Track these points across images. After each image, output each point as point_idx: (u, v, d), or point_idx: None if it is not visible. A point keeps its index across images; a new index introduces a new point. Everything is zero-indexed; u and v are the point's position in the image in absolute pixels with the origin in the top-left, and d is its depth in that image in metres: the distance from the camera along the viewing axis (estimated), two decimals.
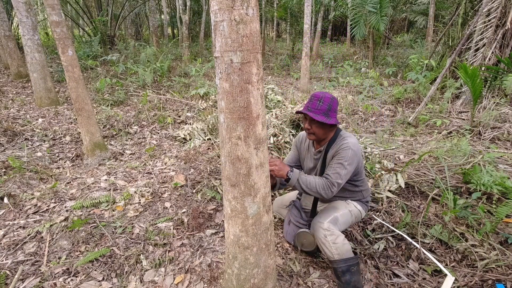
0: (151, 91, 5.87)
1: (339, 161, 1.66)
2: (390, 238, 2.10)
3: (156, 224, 2.29)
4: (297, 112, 1.73)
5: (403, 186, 2.54)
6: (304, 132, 1.95)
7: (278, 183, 1.93)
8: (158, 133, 4.19)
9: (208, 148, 3.47)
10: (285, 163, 1.99)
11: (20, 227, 2.24)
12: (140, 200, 2.57)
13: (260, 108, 1.22)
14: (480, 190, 2.34)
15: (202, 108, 4.99)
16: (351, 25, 10.15)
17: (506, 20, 4.53)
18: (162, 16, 15.33)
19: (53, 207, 2.48)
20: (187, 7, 10.03)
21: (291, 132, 3.39)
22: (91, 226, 2.24)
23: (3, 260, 1.93)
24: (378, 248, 2.03)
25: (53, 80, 6.03)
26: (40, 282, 1.77)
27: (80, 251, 2.02)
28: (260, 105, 1.22)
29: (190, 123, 4.48)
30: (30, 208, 2.46)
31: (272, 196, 2.08)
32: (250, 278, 1.49)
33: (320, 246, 1.70)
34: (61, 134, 4.03)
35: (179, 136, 3.91)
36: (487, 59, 4.67)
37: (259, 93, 1.20)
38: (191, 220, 2.31)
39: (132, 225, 2.28)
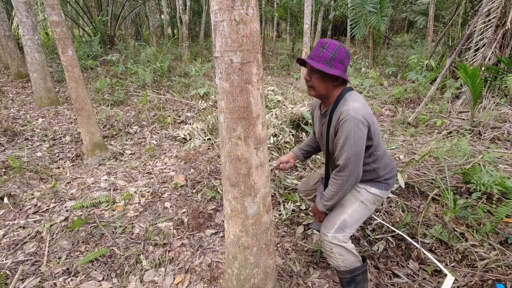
0: (151, 91, 5.86)
1: (343, 139, 1.36)
2: (390, 238, 2.10)
3: (156, 224, 2.29)
4: (297, 60, 1.47)
5: (403, 186, 2.54)
6: None
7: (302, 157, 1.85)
8: (158, 133, 4.19)
9: (208, 148, 3.47)
10: (310, 137, 1.85)
11: (20, 227, 2.24)
12: (140, 200, 2.57)
13: (260, 108, 1.22)
14: (480, 190, 2.34)
15: (202, 108, 4.98)
16: (351, 25, 10.16)
17: (506, 20, 4.53)
18: (162, 16, 15.33)
19: (53, 207, 2.48)
20: (187, 7, 10.02)
21: (291, 132, 3.39)
22: (91, 226, 2.24)
23: (3, 260, 1.93)
24: (378, 248, 2.03)
25: (53, 80, 6.03)
26: (40, 282, 1.77)
27: (80, 251, 2.02)
28: (260, 105, 1.22)
29: (190, 123, 4.48)
30: (30, 208, 2.46)
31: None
32: (250, 278, 1.49)
33: (326, 257, 1.60)
34: (61, 134, 4.03)
35: (179, 136, 3.91)
36: (487, 59, 4.66)
37: (259, 93, 1.20)
38: (191, 220, 2.31)
39: (132, 225, 2.28)
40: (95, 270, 1.87)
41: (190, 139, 3.81)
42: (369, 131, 1.40)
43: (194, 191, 2.69)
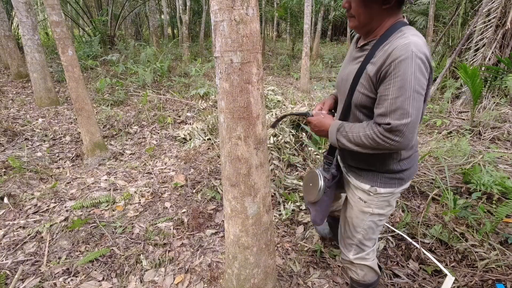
0: (151, 91, 5.86)
1: (397, 88, 0.92)
2: (390, 238, 2.10)
3: (156, 224, 2.29)
4: None
5: None
6: None
7: None
8: (158, 133, 4.19)
9: (208, 148, 3.47)
10: None
11: (20, 227, 2.24)
12: (140, 200, 2.57)
13: (260, 108, 1.22)
14: (480, 190, 2.34)
15: (202, 108, 4.98)
16: None
17: (506, 20, 4.52)
18: (162, 16, 15.32)
19: (53, 207, 2.48)
20: (187, 7, 10.02)
21: (291, 132, 3.39)
22: (91, 226, 2.24)
23: (3, 260, 1.93)
24: (378, 248, 2.03)
25: (53, 80, 6.03)
26: (40, 282, 1.77)
27: (80, 251, 2.02)
28: (260, 105, 1.22)
29: (190, 123, 4.48)
30: (30, 208, 2.46)
31: None
32: (250, 278, 1.49)
33: (345, 269, 1.50)
34: (61, 134, 4.03)
35: (179, 136, 3.91)
36: (487, 59, 4.66)
37: (259, 93, 1.20)
38: (191, 220, 2.31)
39: (132, 225, 2.28)
40: (95, 270, 1.87)
41: (190, 139, 3.81)
42: (429, 79, 0.98)
43: (194, 191, 2.69)
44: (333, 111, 1.41)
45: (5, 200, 2.49)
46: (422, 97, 0.95)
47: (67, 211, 2.42)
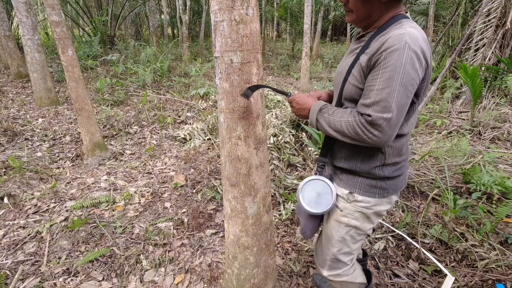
0: (151, 91, 5.86)
1: (385, 78, 0.87)
2: (390, 238, 2.10)
3: (156, 224, 2.29)
4: None
5: None
6: None
7: None
8: (158, 133, 4.19)
9: (208, 148, 3.47)
10: None
11: (20, 227, 2.24)
12: (140, 200, 2.57)
13: (260, 108, 1.22)
14: (480, 190, 2.34)
15: (202, 108, 4.99)
16: (351, 25, 10.15)
17: (506, 20, 4.52)
18: (162, 16, 15.33)
19: (53, 207, 2.48)
20: (187, 7, 10.02)
21: (291, 132, 3.38)
22: (91, 226, 2.24)
23: (3, 260, 1.93)
24: (378, 248, 2.03)
25: (53, 80, 6.03)
26: (40, 282, 1.77)
27: (80, 251, 2.02)
28: (260, 105, 1.22)
29: (190, 123, 4.48)
30: (30, 208, 2.46)
31: None
32: (250, 278, 1.49)
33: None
34: (61, 134, 4.03)
35: (179, 136, 3.91)
36: (487, 59, 4.66)
37: (259, 93, 1.20)
38: (191, 220, 2.31)
39: (132, 225, 2.28)
40: (95, 270, 1.87)
41: (190, 139, 3.81)
42: (423, 78, 0.91)
43: (194, 191, 2.69)
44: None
45: (5, 200, 2.49)
46: (410, 94, 0.88)
47: (67, 211, 2.42)
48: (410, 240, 1.95)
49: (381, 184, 1.08)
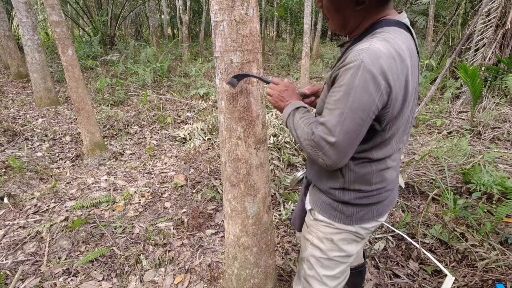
0: (151, 91, 5.86)
1: (341, 95, 0.78)
2: (390, 238, 2.10)
3: (156, 224, 2.29)
4: None
5: (403, 186, 2.54)
6: None
7: None
8: (158, 133, 4.19)
9: (208, 148, 3.47)
10: None
11: (20, 227, 2.24)
12: (140, 200, 2.57)
13: (260, 108, 1.22)
14: (480, 190, 2.34)
15: (202, 108, 4.99)
16: None
17: (506, 20, 4.52)
18: (162, 16, 15.32)
19: (53, 207, 2.48)
20: (187, 7, 10.02)
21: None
22: (91, 226, 2.24)
23: (3, 260, 1.93)
24: (378, 248, 2.03)
25: (53, 80, 6.03)
26: (40, 282, 1.77)
27: (80, 251, 2.02)
28: (260, 105, 1.22)
29: (190, 123, 4.48)
30: (30, 208, 2.46)
31: None
32: (250, 278, 1.49)
33: None
34: (61, 134, 4.03)
35: (179, 136, 3.91)
36: (487, 59, 4.66)
37: (259, 93, 1.20)
38: (191, 220, 2.31)
39: (132, 225, 2.28)
40: (95, 270, 1.87)
41: (190, 139, 3.81)
42: (386, 103, 0.79)
43: (194, 191, 2.69)
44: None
45: (5, 200, 2.49)
46: (362, 120, 0.77)
47: (67, 211, 2.42)
48: (410, 240, 1.95)
49: (342, 208, 0.97)
